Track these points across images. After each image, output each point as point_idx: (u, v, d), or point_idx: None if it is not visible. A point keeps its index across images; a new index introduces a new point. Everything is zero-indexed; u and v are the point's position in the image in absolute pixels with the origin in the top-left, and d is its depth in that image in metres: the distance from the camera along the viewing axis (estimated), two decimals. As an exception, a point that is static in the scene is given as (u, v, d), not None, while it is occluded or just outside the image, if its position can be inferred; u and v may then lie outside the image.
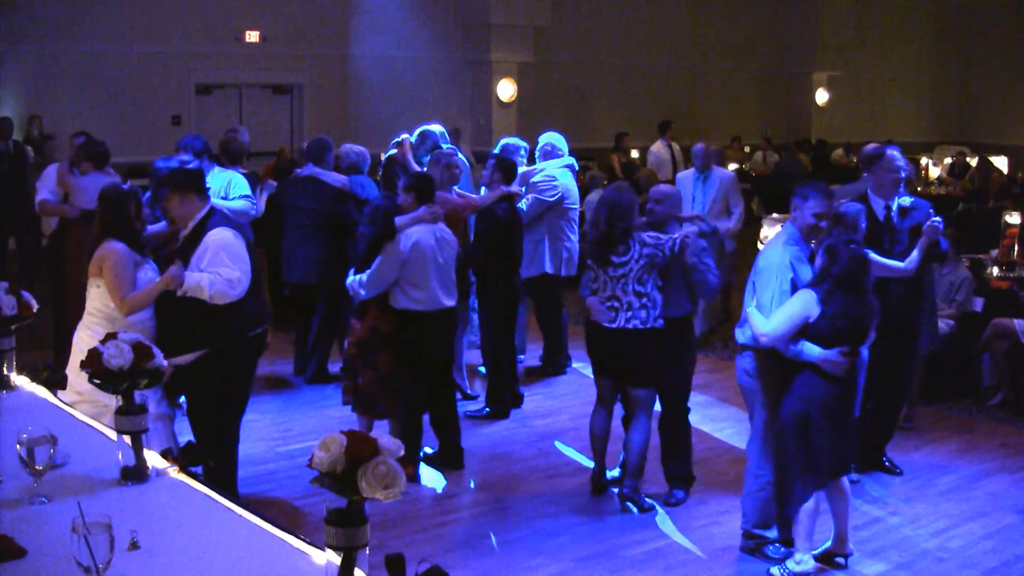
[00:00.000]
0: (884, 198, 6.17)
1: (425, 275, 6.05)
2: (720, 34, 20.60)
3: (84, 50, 14.02)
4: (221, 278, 4.92)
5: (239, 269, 4.98)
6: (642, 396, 5.81)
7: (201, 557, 2.61)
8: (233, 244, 5.05)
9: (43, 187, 7.81)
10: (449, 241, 6.23)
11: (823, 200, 5.15)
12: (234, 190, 7.39)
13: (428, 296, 6.09)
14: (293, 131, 16.26)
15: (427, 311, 6.10)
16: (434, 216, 6.13)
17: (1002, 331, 7.81)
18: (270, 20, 15.47)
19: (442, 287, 6.15)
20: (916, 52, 23.60)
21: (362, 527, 2.33)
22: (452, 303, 6.25)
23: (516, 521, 5.70)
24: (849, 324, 4.81)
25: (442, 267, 6.13)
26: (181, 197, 5.12)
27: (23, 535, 2.63)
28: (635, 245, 5.61)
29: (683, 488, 5.99)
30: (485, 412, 7.40)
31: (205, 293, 4.91)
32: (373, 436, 2.34)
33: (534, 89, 17.62)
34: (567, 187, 8.00)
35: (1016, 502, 6.10)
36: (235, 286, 4.95)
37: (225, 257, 4.97)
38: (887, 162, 6.17)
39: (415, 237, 6.03)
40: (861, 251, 4.91)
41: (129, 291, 4.96)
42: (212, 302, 4.94)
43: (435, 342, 6.23)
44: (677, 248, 5.56)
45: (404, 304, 6.10)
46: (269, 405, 7.60)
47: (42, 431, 2.89)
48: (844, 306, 4.80)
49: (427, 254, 6.04)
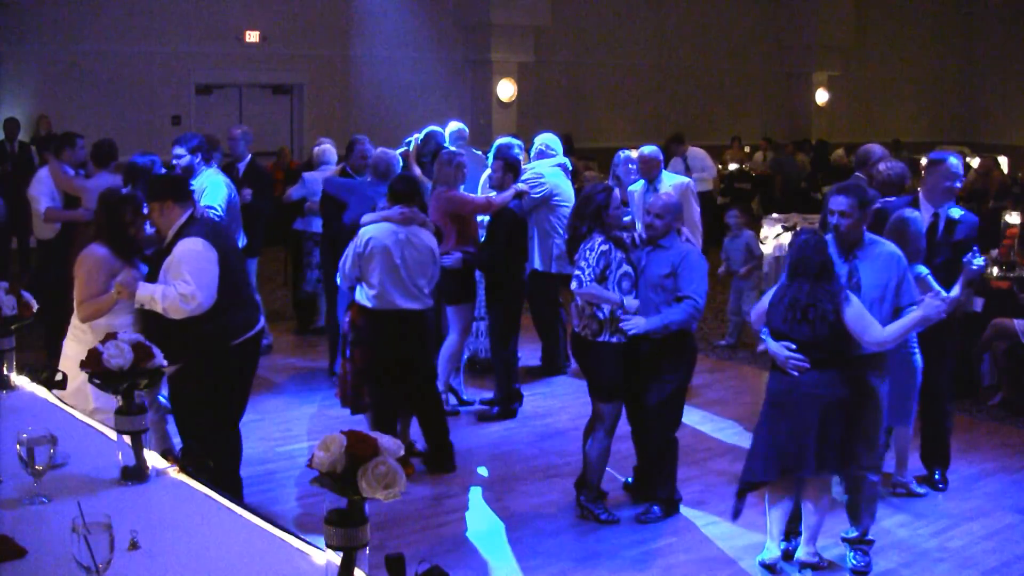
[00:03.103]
0: (934, 205, 6.02)
1: (377, 274, 6.03)
2: (720, 34, 20.60)
3: (84, 50, 14.03)
4: (175, 292, 4.75)
5: (196, 284, 4.77)
6: (600, 409, 5.63)
7: (201, 557, 2.61)
8: (198, 257, 4.84)
9: (42, 194, 7.78)
10: (419, 245, 6.10)
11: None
12: (204, 198, 7.09)
13: (380, 295, 6.06)
14: (293, 131, 16.27)
15: (378, 309, 6.08)
16: (402, 217, 6.08)
17: (1002, 331, 7.81)
18: (270, 20, 15.48)
19: (397, 288, 6.05)
20: (916, 52, 23.60)
21: (362, 527, 2.33)
22: (411, 306, 6.10)
23: (516, 521, 5.70)
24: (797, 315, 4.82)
25: (400, 268, 6.04)
26: (160, 206, 4.96)
27: (23, 535, 2.62)
28: (595, 248, 5.48)
29: (663, 507, 5.75)
30: (495, 412, 7.40)
31: (158, 306, 4.77)
32: (373, 436, 2.34)
33: (534, 89, 17.62)
34: (556, 184, 8.01)
35: (1016, 502, 6.10)
36: (187, 302, 4.75)
37: (184, 270, 4.79)
38: (946, 169, 6.01)
39: (371, 234, 6.04)
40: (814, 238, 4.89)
41: (88, 297, 4.86)
42: (167, 315, 4.78)
43: (386, 341, 6.13)
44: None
45: (359, 300, 6.18)
46: (269, 405, 7.60)
47: (42, 431, 2.90)
48: (792, 295, 4.85)
49: (380, 253, 6.01)
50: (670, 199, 5.76)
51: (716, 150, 18.47)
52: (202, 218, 5.18)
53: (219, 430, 5.20)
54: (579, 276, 5.44)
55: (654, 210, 5.60)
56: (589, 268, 5.41)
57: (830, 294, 4.78)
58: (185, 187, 5.19)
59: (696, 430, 7.27)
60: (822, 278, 4.81)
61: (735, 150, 18.89)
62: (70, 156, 7.96)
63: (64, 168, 7.90)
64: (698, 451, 6.84)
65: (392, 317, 6.09)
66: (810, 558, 5.09)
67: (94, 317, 4.89)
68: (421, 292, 6.15)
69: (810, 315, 4.79)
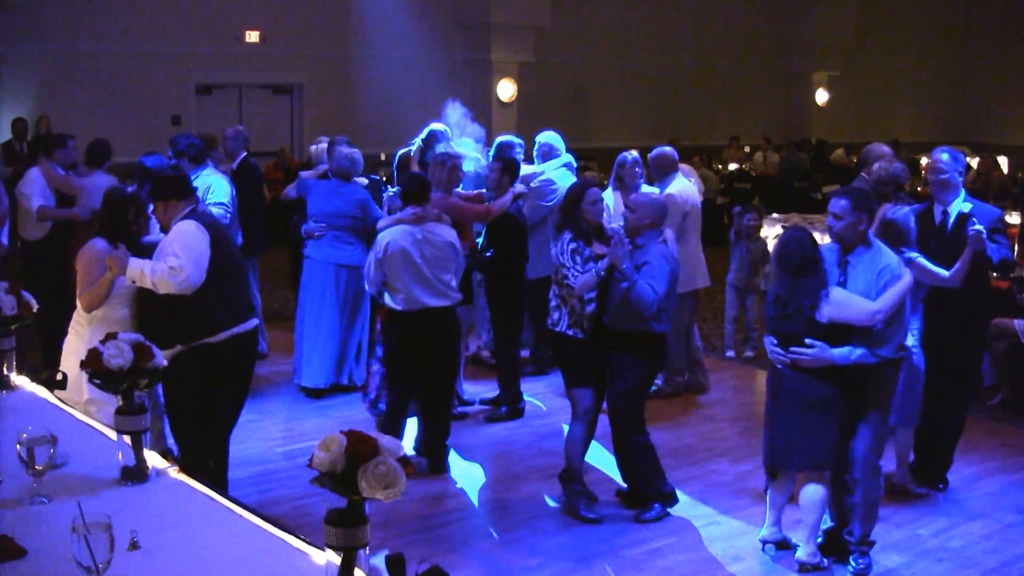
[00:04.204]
0: (941, 203, 5.99)
1: (400, 276, 6.06)
2: (720, 34, 20.60)
3: (84, 50, 14.04)
4: (163, 266, 4.83)
5: (186, 259, 4.85)
6: (571, 395, 5.73)
7: (201, 557, 2.61)
8: (189, 235, 4.93)
9: (34, 193, 7.76)
10: (437, 242, 6.15)
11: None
12: (211, 195, 7.26)
13: (407, 297, 6.10)
14: (293, 131, 16.27)
15: (407, 311, 6.12)
16: (415, 217, 6.12)
17: (1002, 331, 7.80)
18: (270, 20, 15.48)
19: (422, 287, 6.09)
20: (916, 52, 23.59)
21: (362, 527, 2.33)
22: (439, 303, 6.16)
23: (516, 521, 5.70)
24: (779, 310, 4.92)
25: (422, 267, 6.07)
26: (164, 205, 5.08)
27: (23, 535, 2.62)
28: (566, 249, 5.53)
29: (661, 502, 5.70)
30: (503, 412, 7.40)
31: (147, 280, 4.84)
32: (373, 436, 2.34)
33: (534, 89, 17.62)
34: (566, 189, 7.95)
35: (1016, 502, 6.10)
36: (176, 275, 4.81)
37: (175, 246, 4.89)
38: (930, 163, 6.03)
39: (388, 239, 6.09)
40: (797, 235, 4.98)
41: (87, 287, 4.95)
42: (156, 290, 4.86)
43: (418, 341, 6.17)
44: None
45: (388, 303, 6.22)
46: (269, 405, 7.61)
47: (42, 431, 2.90)
48: (775, 291, 4.97)
49: (400, 256, 6.04)
50: (654, 198, 5.74)
51: (716, 150, 18.51)
52: (203, 212, 5.27)
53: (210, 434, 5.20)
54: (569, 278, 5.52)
55: (630, 203, 5.61)
56: (572, 268, 5.50)
57: (808, 290, 4.85)
58: (187, 185, 5.28)
59: (696, 430, 7.27)
60: (802, 274, 4.88)
61: (735, 150, 18.89)
62: (61, 157, 7.96)
63: (56, 168, 7.90)
64: (698, 451, 6.85)
65: (422, 317, 6.14)
66: (810, 558, 5.08)
67: (96, 304, 4.96)
68: (448, 287, 6.20)
69: (788, 310, 4.90)
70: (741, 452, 6.76)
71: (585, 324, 5.56)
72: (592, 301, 5.54)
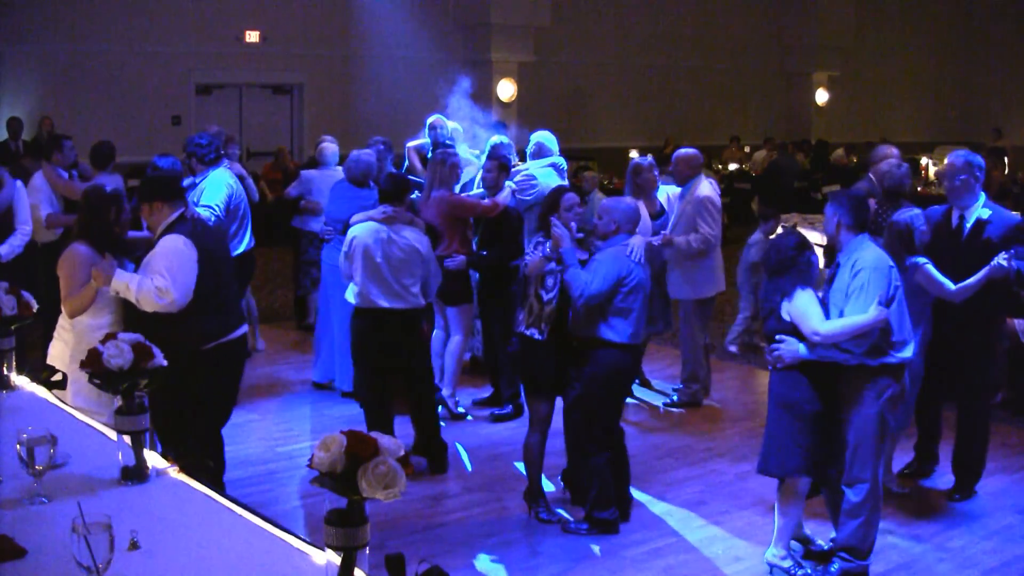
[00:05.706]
0: (958, 207, 5.83)
1: (360, 272, 6.07)
2: (720, 34, 20.61)
3: (84, 50, 14.04)
4: (150, 284, 4.74)
5: (172, 280, 4.76)
6: (530, 405, 5.72)
7: (201, 557, 2.62)
8: (177, 253, 4.84)
9: (40, 201, 7.69)
10: (403, 244, 6.09)
11: None
12: (203, 197, 7.12)
13: (362, 293, 6.11)
14: (293, 131, 16.27)
15: (361, 307, 6.15)
16: (384, 216, 6.10)
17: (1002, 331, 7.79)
18: (270, 20, 15.48)
19: (378, 286, 6.06)
20: (916, 52, 23.61)
21: (362, 527, 2.33)
22: (392, 305, 6.09)
23: (516, 521, 5.70)
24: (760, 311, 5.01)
25: (382, 267, 6.04)
26: (148, 206, 4.98)
27: (23, 535, 2.63)
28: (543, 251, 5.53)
29: (592, 524, 5.49)
30: (508, 411, 7.38)
31: (132, 295, 4.76)
32: (373, 436, 2.34)
33: (534, 89, 17.63)
34: (548, 185, 7.97)
35: (1016, 502, 6.10)
36: (162, 296, 4.74)
37: (162, 265, 4.80)
38: (946, 167, 5.94)
39: (354, 234, 6.12)
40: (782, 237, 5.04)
41: (71, 293, 4.84)
42: (140, 306, 4.77)
43: (368, 338, 6.17)
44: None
45: (347, 297, 6.30)
46: (269, 405, 7.61)
47: (42, 431, 2.90)
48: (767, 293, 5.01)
49: (361, 252, 6.04)
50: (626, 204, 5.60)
51: (716, 150, 18.51)
52: (192, 218, 5.12)
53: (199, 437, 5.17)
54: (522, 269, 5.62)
55: (599, 209, 5.60)
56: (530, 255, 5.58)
57: (780, 289, 4.88)
58: (174, 187, 5.16)
59: (696, 430, 7.27)
60: (779, 274, 4.90)
61: (735, 150, 18.90)
62: (60, 159, 7.95)
63: (58, 171, 7.88)
64: (698, 451, 6.85)
65: (373, 315, 6.12)
66: (778, 560, 5.05)
67: (79, 311, 4.85)
68: (407, 291, 6.11)
69: (763, 311, 5.00)
70: (741, 452, 6.76)
71: (543, 324, 5.47)
72: (551, 302, 5.45)
